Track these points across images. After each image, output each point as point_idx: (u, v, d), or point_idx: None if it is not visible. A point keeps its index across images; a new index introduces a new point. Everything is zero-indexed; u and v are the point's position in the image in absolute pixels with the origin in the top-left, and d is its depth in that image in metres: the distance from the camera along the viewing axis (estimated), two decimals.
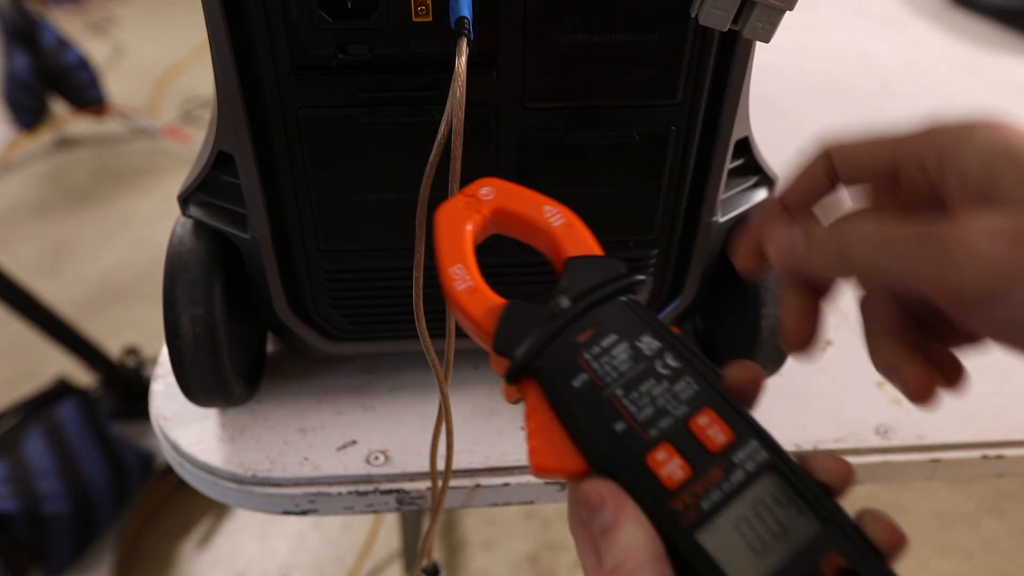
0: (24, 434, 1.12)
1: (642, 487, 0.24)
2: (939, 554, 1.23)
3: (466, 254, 0.29)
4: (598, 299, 0.27)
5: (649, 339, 0.26)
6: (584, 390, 0.25)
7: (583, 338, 0.26)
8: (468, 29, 0.32)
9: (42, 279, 1.77)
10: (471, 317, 0.28)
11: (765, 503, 0.23)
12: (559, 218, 0.29)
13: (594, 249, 0.29)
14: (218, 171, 0.42)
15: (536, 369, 0.26)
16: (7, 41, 2.01)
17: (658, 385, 0.25)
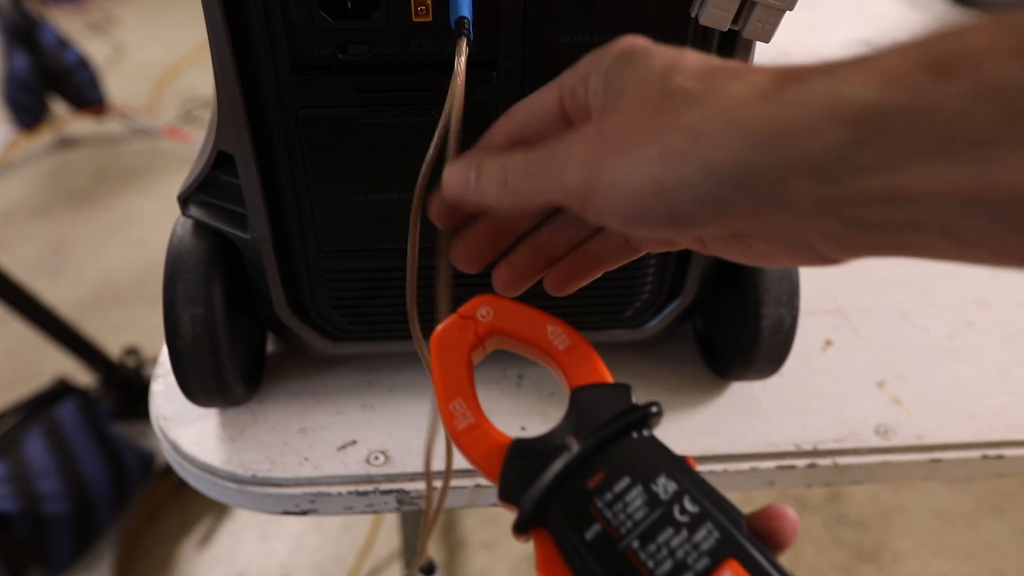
0: (24, 434, 1.12)
1: None
2: (939, 554, 1.23)
3: (465, 386, 0.28)
4: (608, 437, 0.25)
5: (665, 480, 0.24)
6: (598, 543, 0.23)
7: (594, 483, 0.24)
8: (468, 29, 0.32)
9: (42, 279, 1.77)
10: (473, 459, 0.27)
11: None
12: (563, 340, 0.28)
13: (602, 374, 0.28)
14: (218, 171, 0.42)
15: (545, 520, 0.24)
16: (7, 41, 2.01)
17: (677, 535, 0.23)
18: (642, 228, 0.24)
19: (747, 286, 0.46)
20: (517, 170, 0.27)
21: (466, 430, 0.27)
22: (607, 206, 0.24)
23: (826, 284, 0.62)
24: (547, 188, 0.26)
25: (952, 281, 0.64)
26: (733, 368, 0.49)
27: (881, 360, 0.55)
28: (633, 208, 0.24)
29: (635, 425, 0.25)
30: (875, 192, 0.20)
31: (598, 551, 0.23)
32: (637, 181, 0.23)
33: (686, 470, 0.25)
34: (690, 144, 0.22)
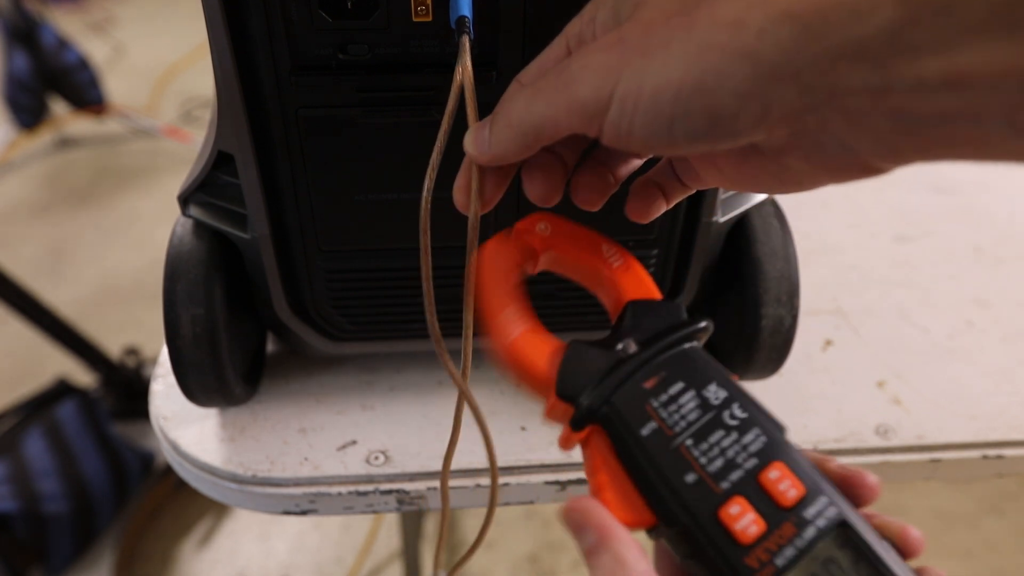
0: (24, 434, 1.12)
1: (716, 542, 0.23)
2: (939, 554, 1.23)
3: (515, 296, 0.27)
4: (665, 345, 0.26)
5: (716, 388, 0.25)
6: (653, 439, 0.24)
7: (650, 385, 0.25)
8: (468, 28, 0.32)
9: (42, 279, 1.77)
10: (529, 363, 0.26)
11: (837, 561, 0.23)
12: (618, 259, 0.29)
13: (654, 292, 0.28)
14: (218, 171, 0.42)
15: (603, 416, 0.25)
16: (7, 41, 2.01)
17: (727, 436, 0.24)
18: (672, 141, 0.22)
19: (747, 286, 0.46)
20: (521, 105, 0.25)
21: (523, 336, 0.27)
22: (634, 119, 0.22)
23: (826, 284, 0.62)
24: (556, 112, 0.24)
25: (952, 281, 0.64)
26: (733, 368, 0.49)
27: (881, 360, 0.55)
28: (667, 114, 0.21)
29: (689, 337, 0.26)
30: (931, 77, 0.18)
31: (653, 447, 0.24)
32: (673, 81, 0.21)
33: (734, 383, 0.26)
34: (731, 36, 0.20)
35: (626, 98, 0.22)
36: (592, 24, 0.25)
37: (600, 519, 0.23)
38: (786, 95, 0.20)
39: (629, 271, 0.29)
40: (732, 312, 0.48)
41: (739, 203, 0.46)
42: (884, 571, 0.23)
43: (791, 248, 0.46)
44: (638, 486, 0.24)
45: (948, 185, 0.77)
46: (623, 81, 0.22)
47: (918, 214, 0.72)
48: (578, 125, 0.24)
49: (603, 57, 0.23)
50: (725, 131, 0.21)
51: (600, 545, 0.23)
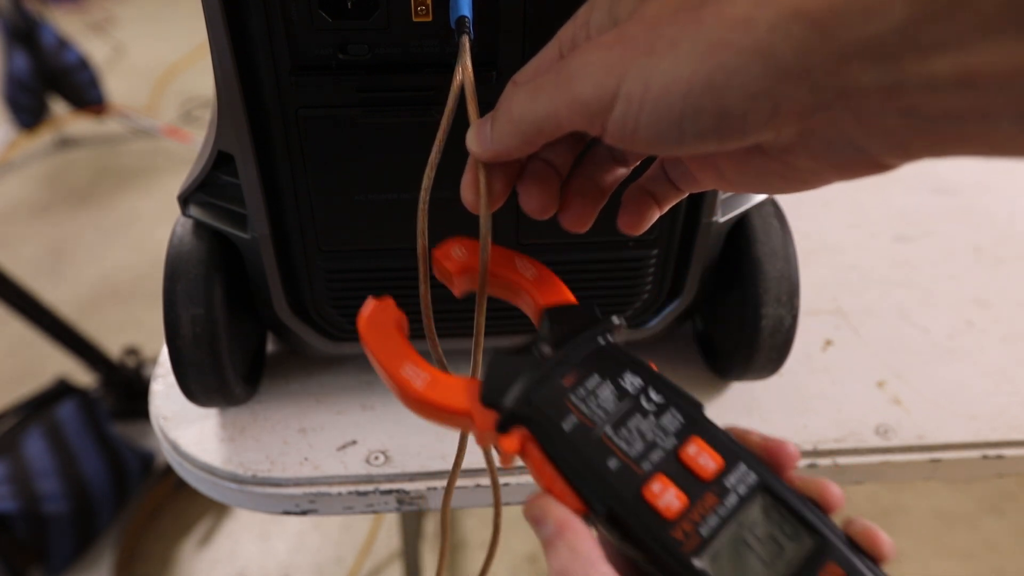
0: (24, 434, 1.12)
1: (642, 519, 0.24)
2: (939, 554, 1.23)
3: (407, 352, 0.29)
4: (579, 343, 0.27)
5: (631, 376, 0.27)
6: (575, 432, 0.26)
7: (568, 382, 0.26)
8: (469, 28, 0.32)
9: (42, 279, 1.77)
10: (441, 404, 0.27)
11: (759, 523, 0.24)
12: (531, 271, 0.30)
13: (568, 298, 0.30)
14: (218, 171, 0.42)
15: (526, 416, 0.26)
16: (7, 41, 2.01)
17: (645, 420, 0.26)
18: (681, 140, 0.22)
19: (747, 286, 0.46)
20: (523, 102, 0.25)
21: (427, 385, 0.28)
22: (640, 118, 0.22)
23: (826, 284, 0.62)
24: (558, 109, 0.24)
25: (952, 281, 0.64)
26: (733, 368, 0.49)
27: (881, 360, 0.55)
28: (677, 112, 0.21)
29: (600, 333, 0.28)
30: (943, 75, 0.18)
31: (576, 439, 0.25)
32: (682, 79, 0.21)
33: (649, 369, 0.27)
34: (741, 34, 0.20)
35: (632, 96, 0.22)
36: (586, 27, 0.25)
37: (557, 513, 0.24)
38: (797, 94, 0.20)
39: (542, 281, 0.30)
40: (732, 312, 0.48)
41: (739, 203, 0.46)
42: (806, 526, 0.24)
43: (791, 248, 0.46)
44: (567, 478, 0.25)
45: (948, 185, 0.77)
46: (628, 79, 0.22)
47: (918, 214, 0.72)
48: (580, 123, 0.24)
49: (604, 55, 0.23)
50: (735, 130, 0.21)
51: (556, 536, 0.24)
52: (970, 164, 0.80)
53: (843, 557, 0.23)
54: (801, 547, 0.24)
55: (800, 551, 0.24)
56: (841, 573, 0.23)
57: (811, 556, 0.23)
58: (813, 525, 0.24)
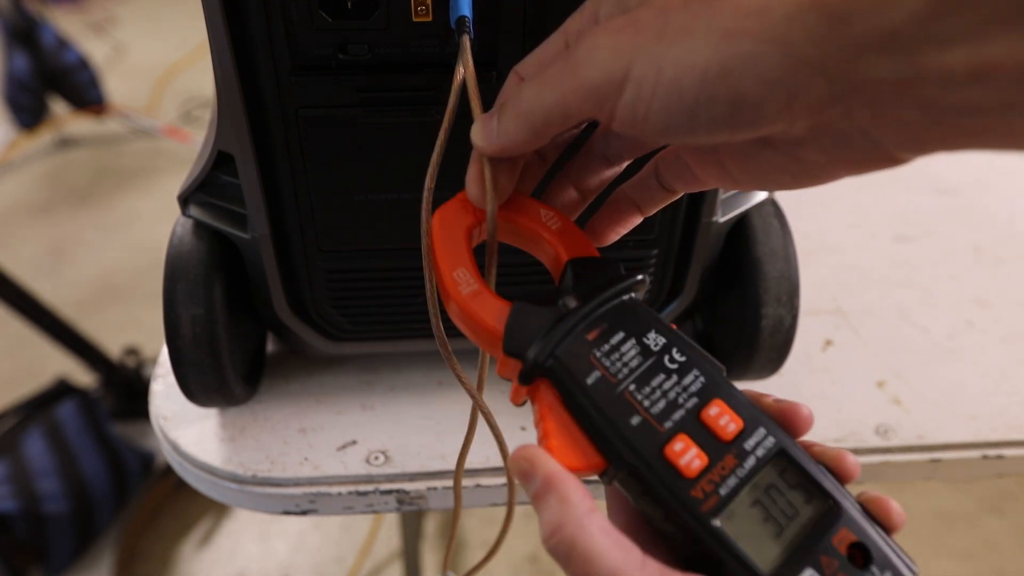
0: (24, 434, 1.12)
1: (662, 477, 0.24)
2: (939, 554, 1.23)
3: (466, 258, 0.29)
4: (604, 298, 0.27)
5: (655, 335, 0.26)
6: (598, 387, 0.25)
7: (592, 336, 0.26)
8: (469, 28, 0.32)
9: (42, 279, 1.77)
10: (479, 321, 0.27)
11: (777, 486, 0.24)
12: (556, 222, 0.30)
13: (592, 251, 0.29)
14: (218, 171, 0.42)
15: (549, 369, 0.26)
16: (7, 41, 2.01)
17: (668, 379, 0.26)
18: (693, 128, 0.22)
19: (747, 286, 0.46)
20: (530, 94, 0.25)
21: (471, 295, 0.28)
22: (652, 104, 0.22)
23: (826, 284, 0.62)
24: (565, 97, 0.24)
25: (952, 281, 0.64)
26: (733, 368, 0.49)
27: (881, 360, 0.55)
28: (690, 100, 0.21)
29: (627, 289, 0.28)
30: (958, 68, 0.18)
31: (599, 394, 0.25)
32: (697, 66, 0.21)
33: (672, 329, 0.27)
34: (757, 22, 0.20)
35: (643, 81, 0.22)
36: (593, 19, 0.25)
37: (545, 464, 0.24)
38: (813, 84, 0.20)
39: (567, 232, 0.30)
40: (732, 312, 0.48)
41: (739, 203, 0.46)
42: (820, 491, 0.24)
43: (791, 248, 0.46)
44: (587, 432, 0.25)
45: (948, 185, 0.77)
46: (638, 64, 0.22)
47: (918, 214, 0.72)
48: (588, 109, 0.23)
49: (613, 39, 0.22)
50: (748, 119, 0.21)
51: (546, 488, 0.23)
52: (970, 164, 0.80)
53: (856, 523, 0.24)
54: (815, 511, 0.24)
55: (814, 515, 0.24)
56: (853, 539, 0.23)
57: (824, 520, 0.24)
58: (828, 491, 0.24)
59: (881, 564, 0.23)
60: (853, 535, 0.23)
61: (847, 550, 0.23)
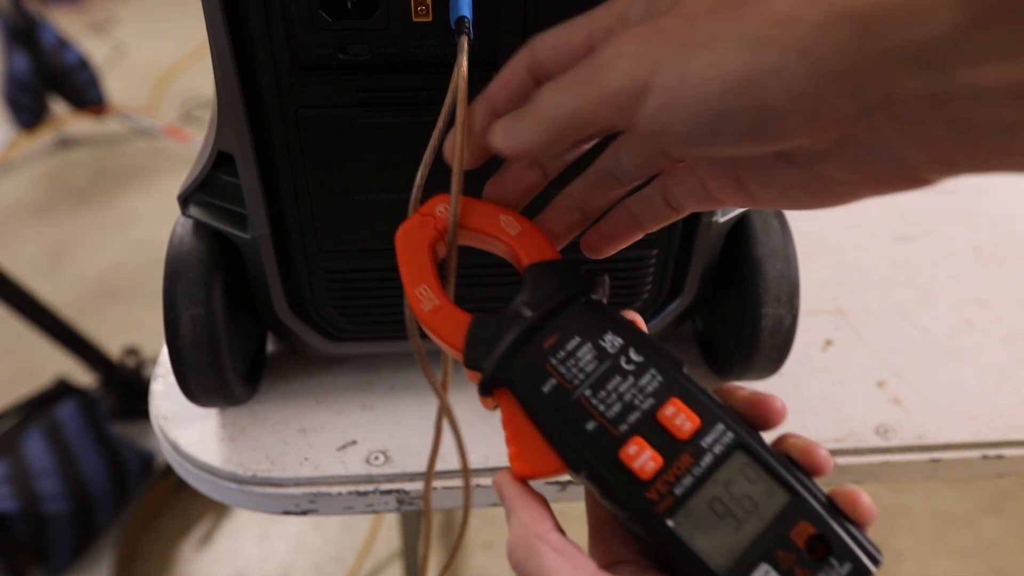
0: (24, 434, 1.12)
1: (617, 481, 0.25)
2: (939, 554, 1.23)
3: (427, 274, 0.29)
4: (558, 304, 0.27)
5: (611, 336, 0.27)
6: (554, 394, 0.26)
7: (548, 344, 0.27)
8: (468, 29, 0.32)
9: (42, 279, 1.77)
10: (440, 336, 0.28)
11: (735, 482, 0.24)
12: (514, 227, 0.30)
13: (551, 254, 0.30)
14: (218, 171, 0.42)
15: (507, 379, 0.27)
16: (7, 41, 2.01)
17: (624, 381, 0.26)
18: (715, 138, 0.21)
19: (747, 286, 0.46)
20: (551, 99, 0.24)
21: (432, 311, 0.29)
22: (675, 113, 0.21)
23: (826, 284, 0.62)
24: (586, 102, 0.23)
25: (952, 281, 0.64)
26: (733, 368, 0.49)
27: (881, 360, 0.55)
28: (713, 109, 0.21)
29: (582, 291, 0.28)
30: (993, 85, 0.17)
31: (554, 402, 0.26)
32: (721, 75, 0.20)
33: (631, 327, 0.27)
34: (785, 32, 0.19)
35: (666, 89, 0.21)
36: (621, 19, 0.24)
37: (508, 491, 0.26)
38: (840, 97, 0.19)
39: (526, 236, 0.30)
40: (732, 312, 0.48)
41: None
42: (781, 485, 0.24)
43: (791, 248, 0.46)
44: (547, 438, 0.26)
45: (948, 185, 0.77)
46: (662, 72, 0.21)
47: (918, 214, 0.72)
48: (609, 117, 0.23)
49: (638, 46, 0.22)
50: (772, 131, 0.20)
51: (508, 511, 0.26)
52: None
53: (816, 515, 0.24)
54: (775, 505, 0.24)
55: (774, 509, 0.24)
56: (813, 531, 0.24)
57: (784, 514, 0.24)
58: (788, 484, 0.24)
59: (840, 555, 0.23)
60: (812, 528, 0.24)
61: (806, 543, 0.24)
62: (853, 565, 0.23)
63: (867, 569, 0.23)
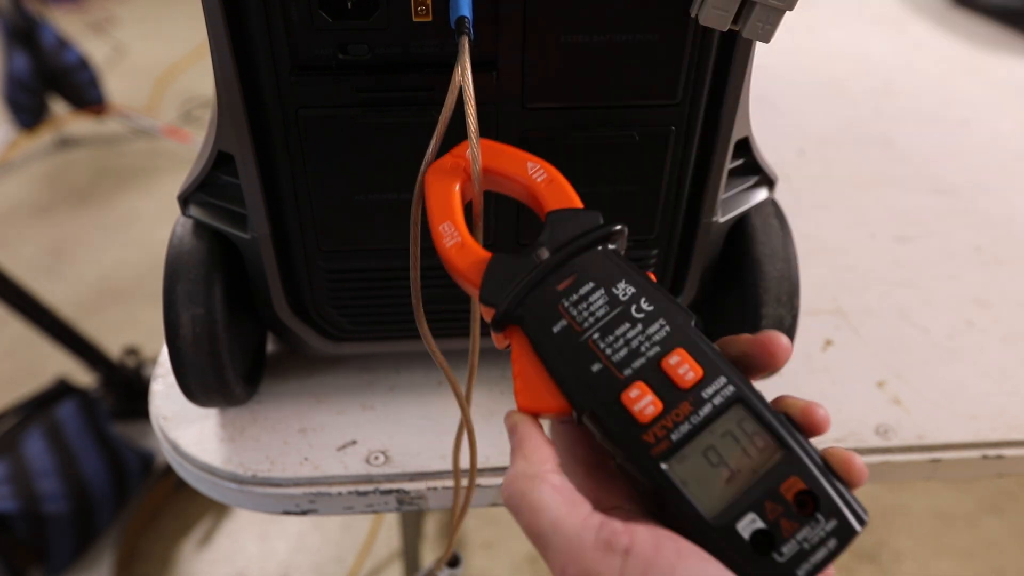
0: (24, 434, 1.12)
1: (617, 422, 0.26)
2: (939, 554, 1.23)
3: (454, 211, 0.30)
4: (577, 249, 0.28)
5: (625, 285, 0.28)
6: (563, 335, 0.27)
7: (563, 286, 0.28)
8: (468, 29, 0.32)
9: (42, 279, 1.77)
10: (459, 271, 0.29)
11: (732, 433, 0.25)
12: (541, 174, 0.31)
13: (575, 202, 0.31)
14: (218, 171, 0.42)
15: (519, 317, 0.28)
16: (7, 41, 2.01)
17: (633, 328, 0.27)
18: None
19: (747, 286, 0.46)
20: None
21: (454, 247, 0.30)
22: None
23: (826, 284, 0.62)
24: None
25: (952, 281, 0.64)
26: None
27: (881, 360, 0.55)
28: None
29: (601, 240, 0.29)
30: None
31: (563, 342, 0.27)
32: None
33: (645, 279, 0.28)
34: None
35: None
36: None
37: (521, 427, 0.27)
38: None
39: (552, 184, 0.31)
40: (732, 312, 0.48)
41: (739, 203, 0.46)
42: (776, 440, 0.25)
43: (791, 248, 0.46)
44: (553, 377, 0.27)
45: (948, 185, 0.77)
46: None
47: (918, 214, 0.72)
48: None
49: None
50: None
51: (515, 445, 0.27)
52: (970, 164, 0.80)
53: (808, 472, 0.24)
54: (768, 459, 0.25)
55: (766, 463, 0.25)
56: (802, 487, 0.24)
57: (776, 468, 0.25)
58: (783, 440, 0.25)
59: (827, 511, 0.24)
60: (802, 483, 0.24)
61: (795, 497, 0.24)
62: (839, 522, 0.24)
63: (852, 527, 0.24)
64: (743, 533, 0.24)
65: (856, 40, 1.06)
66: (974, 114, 0.89)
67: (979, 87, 0.95)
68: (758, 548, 0.24)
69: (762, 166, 0.46)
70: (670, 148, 0.41)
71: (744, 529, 0.24)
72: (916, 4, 1.17)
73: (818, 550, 0.24)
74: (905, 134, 0.83)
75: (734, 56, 0.38)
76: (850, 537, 0.24)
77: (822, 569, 0.24)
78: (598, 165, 0.42)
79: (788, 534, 0.24)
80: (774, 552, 0.24)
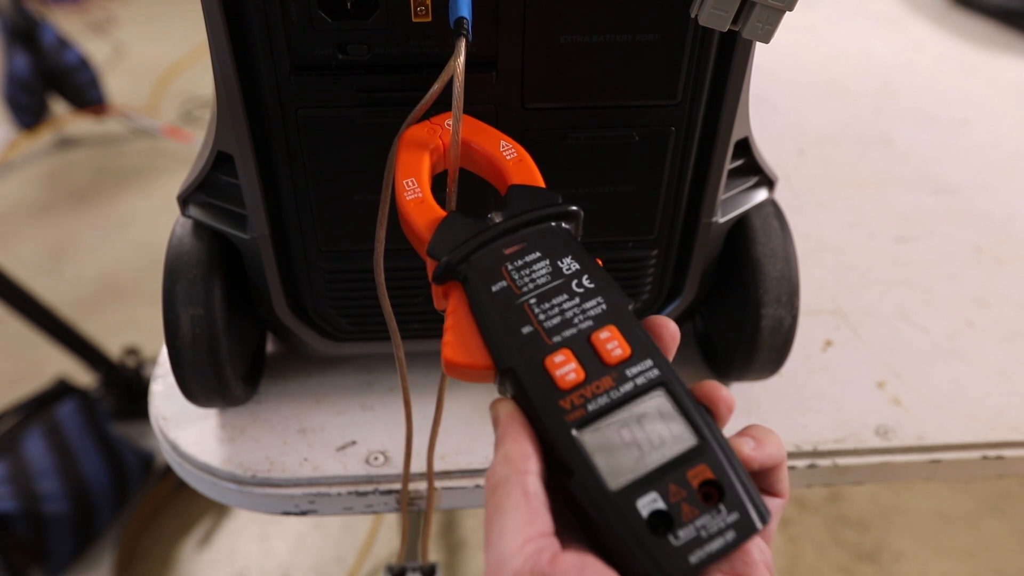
0: (24, 434, 1.12)
1: (536, 385, 0.26)
2: (939, 554, 1.23)
3: (420, 171, 0.31)
4: (531, 220, 0.29)
5: (570, 261, 0.28)
6: (501, 295, 0.28)
7: (510, 251, 0.29)
8: (467, 29, 0.32)
9: (42, 279, 1.77)
10: (413, 224, 0.30)
11: (649, 415, 0.26)
12: (512, 152, 0.32)
13: (539, 183, 0.31)
14: (218, 171, 0.42)
15: (461, 273, 0.28)
16: (7, 41, 2.01)
17: (570, 300, 0.28)
18: None
19: (747, 286, 0.46)
20: None
21: (414, 201, 0.31)
22: None
23: (826, 284, 0.62)
24: None
25: (952, 281, 0.64)
26: (733, 368, 0.49)
27: (881, 360, 0.55)
28: None
29: (557, 216, 0.30)
30: None
31: (499, 301, 0.28)
32: None
33: (592, 261, 0.29)
34: None
35: None
36: None
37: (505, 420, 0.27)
38: None
39: (520, 163, 0.32)
40: (732, 313, 0.48)
41: (739, 203, 0.46)
42: (691, 427, 0.25)
43: (791, 248, 0.46)
44: (482, 334, 0.28)
45: (948, 185, 0.77)
46: None
47: (918, 214, 0.72)
48: None
49: None
50: None
51: (499, 439, 0.27)
52: (970, 164, 0.80)
53: (717, 463, 0.25)
54: (680, 445, 0.25)
55: (678, 448, 0.25)
56: (710, 476, 0.24)
57: (686, 455, 0.25)
58: (699, 429, 0.25)
59: (731, 504, 0.24)
60: (711, 473, 0.25)
61: (701, 485, 0.24)
62: (740, 516, 0.24)
63: (753, 523, 0.24)
64: (642, 511, 0.24)
65: (856, 40, 1.06)
66: (974, 114, 0.89)
67: (979, 87, 0.95)
68: (655, 529, 0.24)
69: (762, 166, 0.46)
70: (670, 148, 0.41)
71: (644, 507, 0.24)
72: (916, 4, 1.17)
73: (715, 540, 0.24)
74: (905, 134, 0.83)
75: (734, 56, 0.38)
76: (750, 533, 0.24)
77: (716, 560, 0.24)
78: (598, 165, 0.42)
79: (687, 519, 0.24)
80: (670, 534, 0.24)
